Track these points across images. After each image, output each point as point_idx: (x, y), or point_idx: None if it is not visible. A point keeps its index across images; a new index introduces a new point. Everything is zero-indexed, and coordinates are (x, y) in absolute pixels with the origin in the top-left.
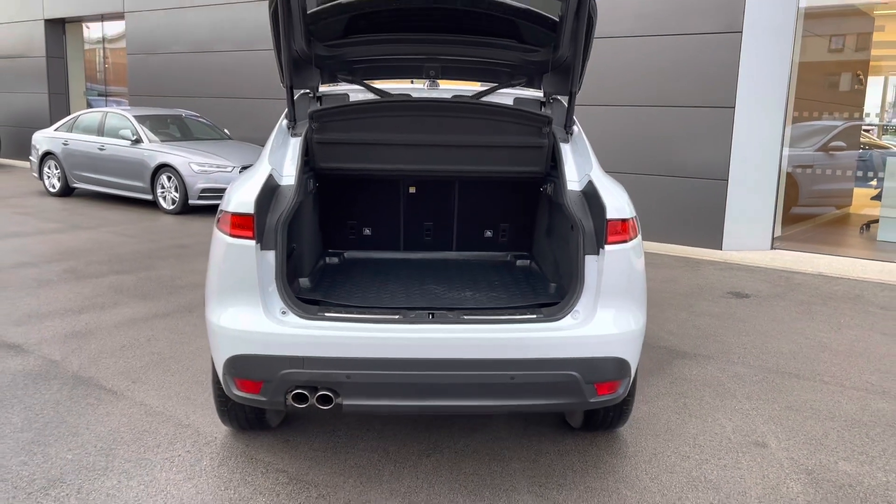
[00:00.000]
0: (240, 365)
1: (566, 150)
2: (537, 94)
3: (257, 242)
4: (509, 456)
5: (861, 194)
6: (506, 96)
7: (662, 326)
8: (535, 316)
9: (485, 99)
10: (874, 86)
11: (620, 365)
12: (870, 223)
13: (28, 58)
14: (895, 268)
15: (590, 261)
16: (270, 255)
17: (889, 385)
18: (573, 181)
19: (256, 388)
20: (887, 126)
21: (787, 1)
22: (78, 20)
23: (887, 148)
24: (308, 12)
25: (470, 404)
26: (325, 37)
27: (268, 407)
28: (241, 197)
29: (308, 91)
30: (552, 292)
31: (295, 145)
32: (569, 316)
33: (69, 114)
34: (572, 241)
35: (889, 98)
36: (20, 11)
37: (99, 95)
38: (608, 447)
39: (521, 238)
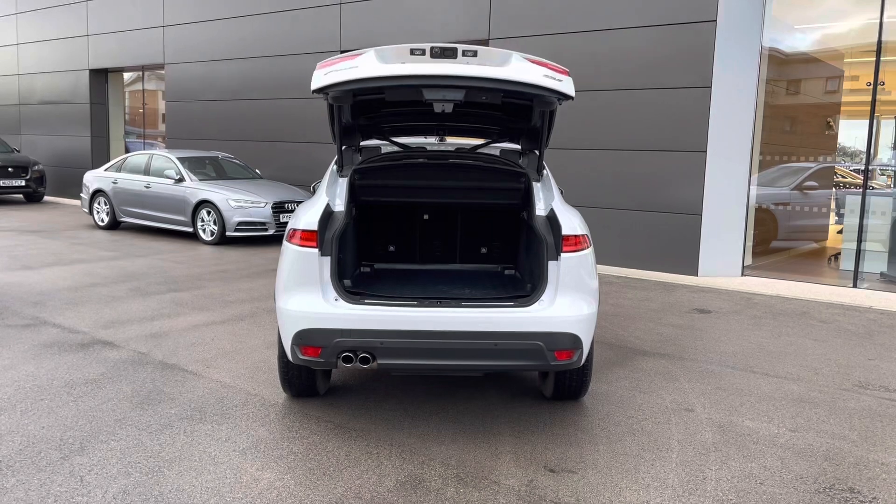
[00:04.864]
0: (305, 336)
1: (537, 187)
2: (517, 146)
3: (319, 250)
4: (497, 415)
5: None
6: (494, 148)
7: (631, 333)
8: (512, 303)
9: (479, 150)
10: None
11: (574, 338)
12: (838, 254)
13: (73, 104)
14: (845, 291)
15: (551, 265)
16: (327, 260)
17: (804, 374)
18: (540, 209)
19: (317, 352)
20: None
21: (749, 63)
22: (120, 70)
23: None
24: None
25: (466, 363)
26: (366, 112)
27: (324, 367)
28: (309, 218)
29: (352, 146)
30: (527, 290)
31: (343, 184)
32: (536, 303)
33: (109, 155)
34: (540, 252)
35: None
36: (67, 62)
37: (137, 138)
38: (572, 409)
39: (509, 254)
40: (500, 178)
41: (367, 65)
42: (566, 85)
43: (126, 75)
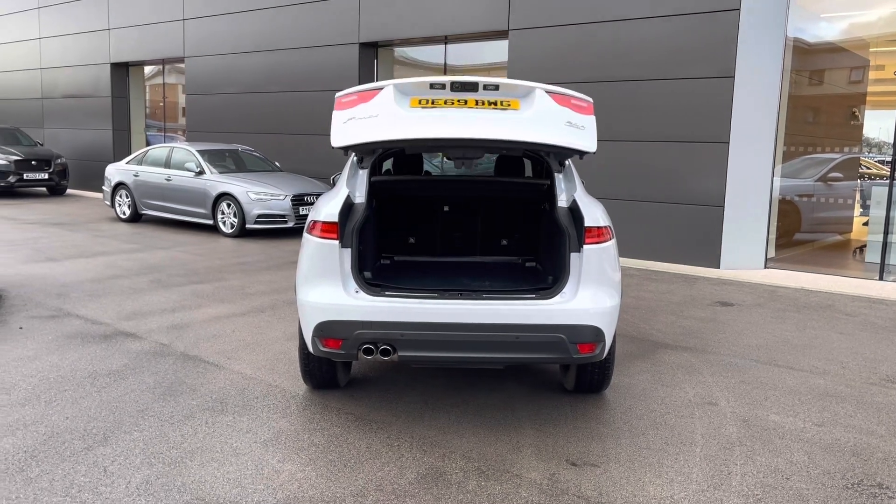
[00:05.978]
0: (326, 328)
1: (559, 178)
2: None
3: (339, 242)
4: (518, 408)
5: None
6: None
7: (653, 326)
8: (534, 296)
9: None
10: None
11: (596, 331)
12: (863, 247)
13: (95, 97)
14: (871, 284)
15: (574, 257)
16: (347, 252)
17: (830, 368)
18: (563, 200)
19: (337, 344)
20: None
21: (773, 52)
22: (140, 63)
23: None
24: None
25: (487, 356)
26: None
27: (344, 359)
28: (329, 210)
29: None
30: (549, 282)
31: (363, 175)
32: (558, 296)
33: (130, 149)
34: (562, 243)
35: None
36: (89, 55)
37: (158, 131)
38: (593, 403)
39: (530, 246)
40: (523, 185)
41: (387, 114)
42: (588, 136)
43: (147, 69)
